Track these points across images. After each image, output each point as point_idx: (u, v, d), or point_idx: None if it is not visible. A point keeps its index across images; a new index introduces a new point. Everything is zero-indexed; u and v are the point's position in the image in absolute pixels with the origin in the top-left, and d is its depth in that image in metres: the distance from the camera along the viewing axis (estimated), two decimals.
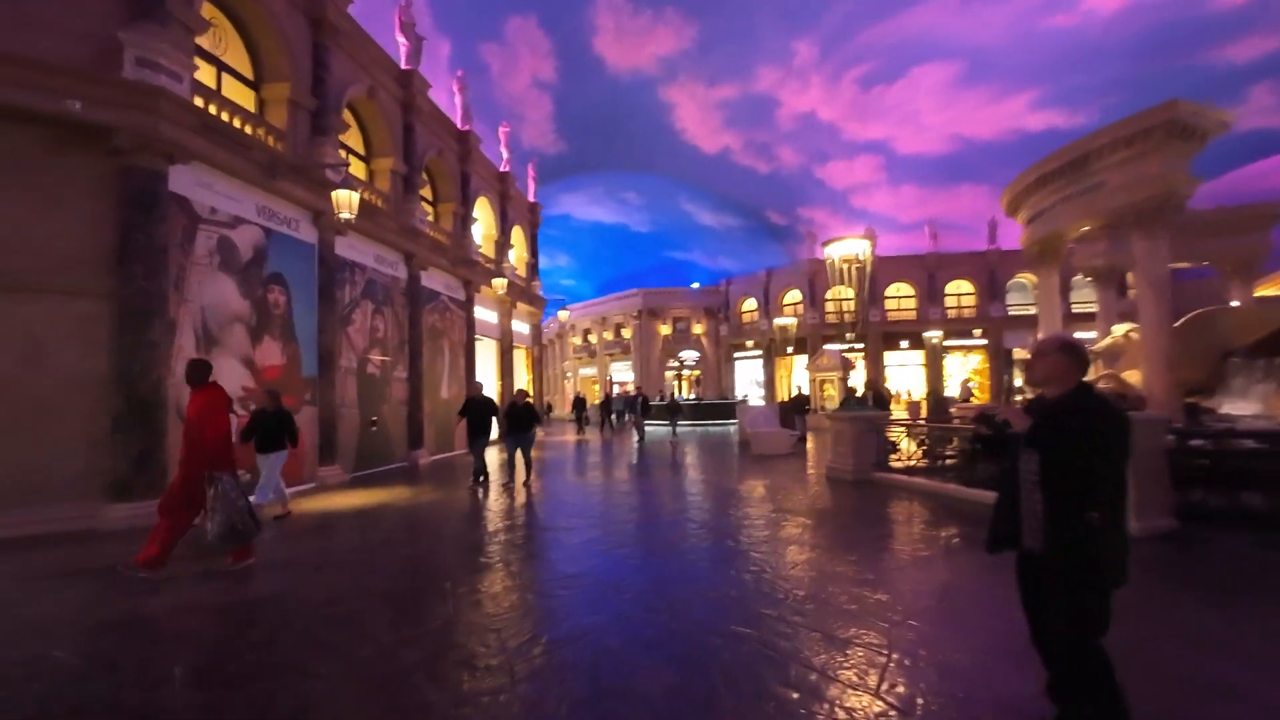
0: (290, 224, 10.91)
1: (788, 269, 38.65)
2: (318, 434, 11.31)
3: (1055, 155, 14.41)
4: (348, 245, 12.54)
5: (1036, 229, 16.22)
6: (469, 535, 7.14)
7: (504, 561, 5.86)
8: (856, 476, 10.08)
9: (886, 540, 6.37)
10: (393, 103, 14.68)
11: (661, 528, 7.18)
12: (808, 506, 8.29)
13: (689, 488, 10.25)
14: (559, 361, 51.27)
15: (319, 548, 6.77)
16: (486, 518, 8.10)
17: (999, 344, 34.94)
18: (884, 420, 10.80)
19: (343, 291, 12.36)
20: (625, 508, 8.62)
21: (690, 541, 6.48)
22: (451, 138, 17.85)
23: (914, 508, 7.97)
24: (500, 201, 21.54)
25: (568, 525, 7.41)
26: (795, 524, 7.22)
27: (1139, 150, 12.50)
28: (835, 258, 10.76)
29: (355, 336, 12.71)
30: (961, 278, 36.09)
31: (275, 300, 10.42)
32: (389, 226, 13.81)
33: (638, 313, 41.96)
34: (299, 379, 10.92)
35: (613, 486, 10.69)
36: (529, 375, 23.95)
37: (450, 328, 17.15)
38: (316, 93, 11.70)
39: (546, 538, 6.81)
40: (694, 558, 5.78)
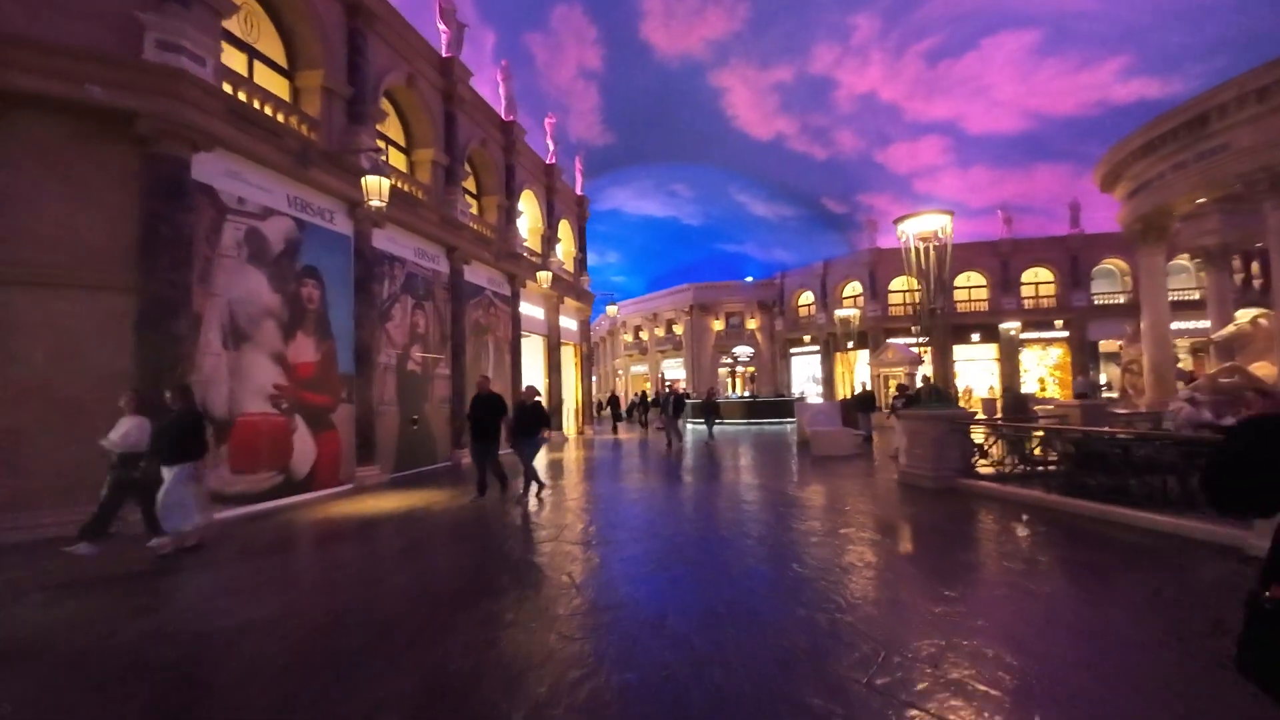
0: (324, 215, 10.51)
1: (847, 259, 36.79)
2: (354, 433, 10.88)
3: (1167, 116, 12.61)
4: (386, 238, 12.11)
5: (1140, 203, 14.35)
6: (495, 549, 6.40)
7: (526, 586, 5.06)
8: (938, 484, 8.84)
9: (993, 570, 5.23)
10: (433, 92, 14.23)
11: (713, 545, 6.24)
12: (884, 521, 7.18)
13: (744, 494, 9.25)
14: (610, 359, 50.78)
15: (328, 562, 6.18)
16: (514, 530, 7.36)
17: (1082, 336, 32.15)
18: (971, 420, 9.49)
19: (381, 286, 11.93)
20: (672, 519, 7.72)
21: (747, 563, 5.52)
22: (495, 128, 17.35)
23: (1015, 524, 6.74)
24: (546, 194, 20.98)
25: (605, 540, 6.57)
26: (872, 544, 6.16)
27: (1276, 103, 10.66)
28: (911, 235, 9.50)
29: (395, 332, 12.28)
30: (1039, 264, 33.45)
31: (309, 294, 10.02)
32: (429, 219, 13.35)
33: (689, 308, 40.93)
34: (335, 376, 10.52)
35: (655, 494, 9.81)
36: (577, 373, 23.34)
37: (495, 324, 16.66)
38: (352, 80, 11.29)
39: (578, 556, 5.99)
40: (751, 586, 4.84)
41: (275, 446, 9.20)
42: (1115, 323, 31.00)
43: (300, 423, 9.68)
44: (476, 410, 9.13)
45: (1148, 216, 14.35)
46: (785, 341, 39.45)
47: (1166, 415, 10.58)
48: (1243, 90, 11.03)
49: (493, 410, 9.04)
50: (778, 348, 39.88)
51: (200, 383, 8.04)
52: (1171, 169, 12.99)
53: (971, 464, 8.99)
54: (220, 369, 8.39)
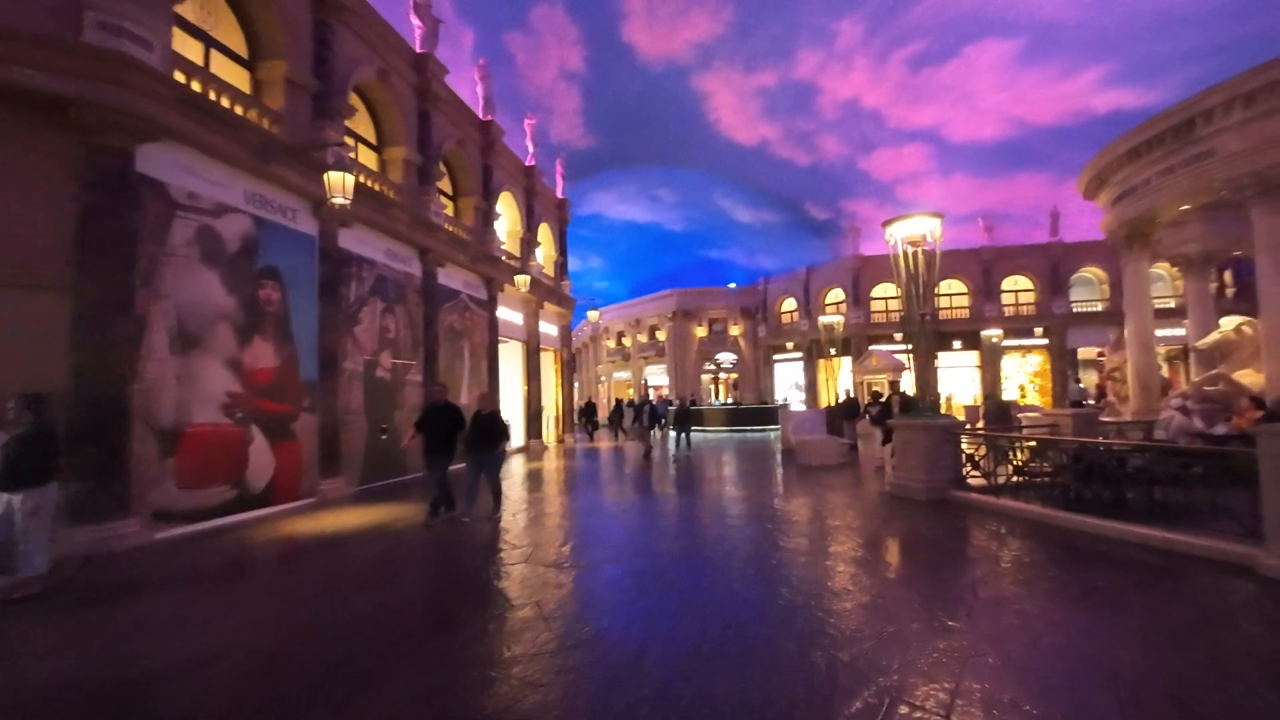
0: (287, 214, 9.94)
1: (830, 266, 36.73)
2: (318, 444, 10.28)
3: (1153, 121, 12.49)
4: (354, 239, 11.56)
5: (1124, 209, 14.25)
6: (460, 573, 5.90)
7: (489, 617, 4.58)
8: (930, 496, 8.49)
9: (997, 594, 4.85)
10: (406, 88, 13.71)
11: (696, 566, 5.80)
12: (876, 538, 6.79)
13: (729, 508, 8.82)
14: (593, 365, 50.25)
15: (276, 587, 5.64)
16: (482, 550, 6.85)
17: (1062, 344, 32.34)
18: (964, 429, 9.17)
19: (348, 288, 11.37)
20: (652, 536, 7.28)
21: (733, 588, 5.09)
22: (473, 128, 16.86)
23: (1014, 541, 6.39)
24: (526, 197, 20.49)
25: (579, 561, 6.10)
26: (864, 564, 5.77)
27: (1264, 108, 10.56)
28: (899, 239, 9.19)
29: (363, 337, 11.71)
30: (1020, 272, 33.63)
31: (268, 296, 9.44)
32: (401, 219, 12.81)
33: (672, 314, 40.60)
34: (296, 383, 9.93)
35: (636, 508, 9.36)
36: (557, 379, 22.82)
37: (471, 329, 16.11)
38: (319, 74, 10.76)
39: (549, 580, 5.51)
40: (738, 616, 4.40)
41: (228, 458, 8.60)
42: (1094, 330, 31.26)
43: (257, 433, 9.09)
44: (430, 422, 8.13)
45: (1132, 223, 14.25)
46: (768, 348, 39.26)
47: (1159, 424, 10.38)
48: (1230, 95, 10.93)
49: (448, 422, 8.12)
50: (761, 354, 39.68)
51: (144, 390, 7.46)
52: (1157, 175, 12.89)
53: (963, 475, 8.66)
54: (166, 375, 7.79)
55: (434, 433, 8.04)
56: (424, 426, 8.12)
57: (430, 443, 8.06)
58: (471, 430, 8.14)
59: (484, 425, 8.17)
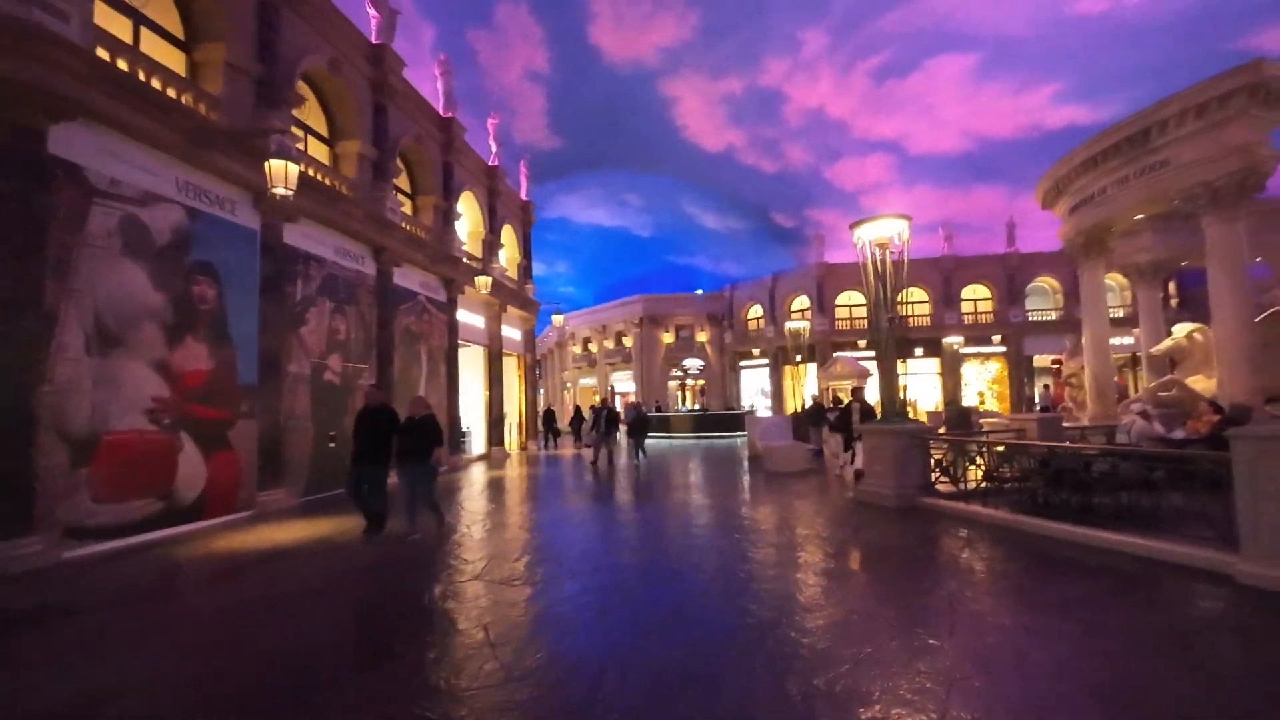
0: (224, 205, 9.28)
1: (795, 273, 37.01)
2: (257, 452, 9.59)
3: (1109, 131, 12.72)
4: (302, 234, 10.92)
5: (1081, 218, 14.51)
6: (402, 592, 5.41)
7: (429, 645, 4.13)
8: (899, 502, 8.31)
9: (976, 608, 4.61)
10: (361, 80, 13.12)
11: (661, 582, 5.44)
12: (847, 548, 6.54)
13: (695, 517, 8.49)
14: (558, 371, 49.59)
15: (194, 613, 5.06)
16: (429, 566, 6.37)
17: (1019, 351, 33.16)
18: (934, 435, 9.03)
19: (294, 286, 10.71)
20: (614, 549, 6.89)
21: (700, 605, 4.74)
22: (432, 124, 16.30)
23: (987, 549, 6.21)
24: (488, 197, 19.96)
25: (535, 577, 5.67)
26: (836, 576, 5.49)
27: (1215, 119, 10.80)
28: (867, 241, 9.04)
29: (309, 339, 11.05)
30: (979, 281, 34.42)
31: (201, 294, 8.76)
32: (354, 215, 12.19)
33: (639, 320, 40.33)
34: (233, 387, 9.24)
35: (598, 518, 8.97)
36: (520, 385, 22.24)
37: (429, 331, 15.48)
38: (263, 59, 10.15)
39: (501, 599, 5.07)
40: (706, 638, 4.04)
41: (153, 469, 7.89)
42: (1049, 338, 32.12)
43: (187, 441, 8.38)
44: (359, 427, 7.41)
45: (1089, 231, 14.52)
46: (735, 354, 39.29)
47: (1120, 429, 10.45)
48: (1183, 107, 11.16)
49: (382, 428, 7.39)
50: (727, 361, 39.68)
51: (55, 394, 6.75)
52: (1114, 184, 13.14)
53: (933, 481, 8.51)
54: (81, 378, 7.08)
55: (365, 440, 7.30)
56: (355, 433, 7.42)
57: (360, 451, 7.31)
58: (401, 438, 7.41)
59: (416, 433, 7.40)
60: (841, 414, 12.64)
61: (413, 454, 7.36)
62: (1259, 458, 4.66)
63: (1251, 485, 4.70)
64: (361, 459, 7.30)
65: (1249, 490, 4.73)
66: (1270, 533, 4.59)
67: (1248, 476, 4.73)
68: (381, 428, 7.38)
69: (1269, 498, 4.59)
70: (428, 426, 7.50)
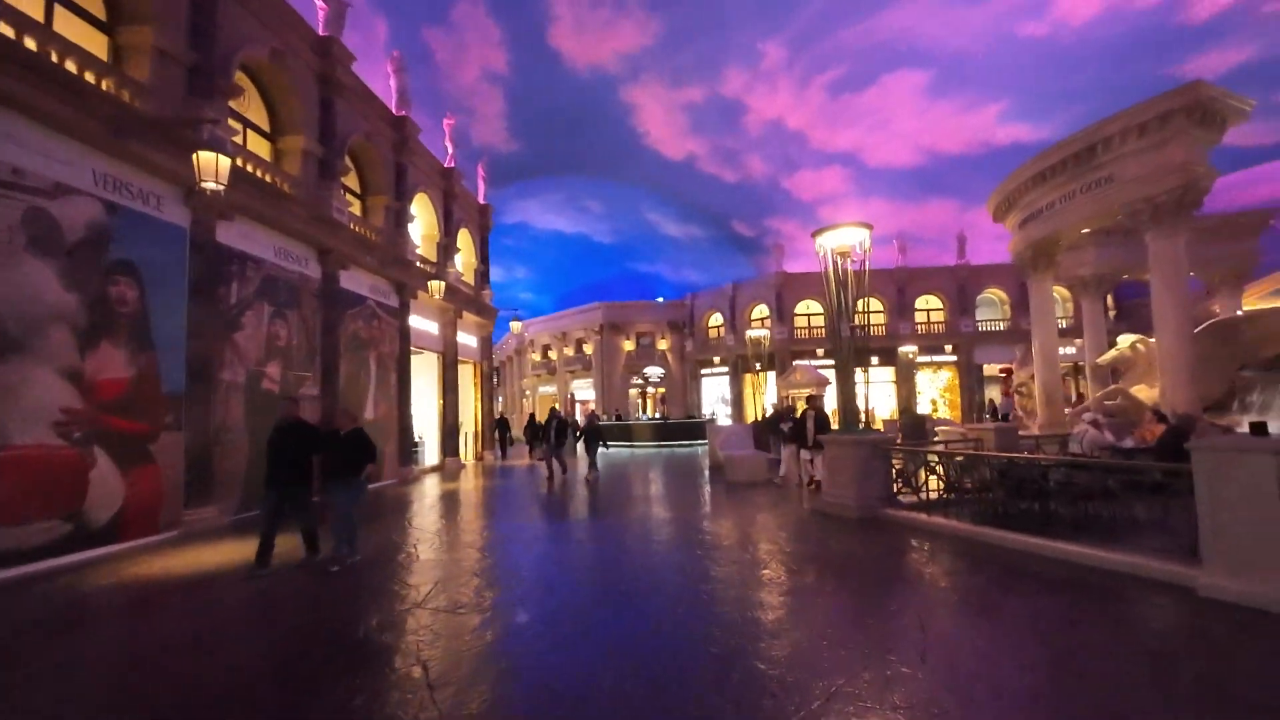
0: (149, 200, 8.58)
1: (755, 282, 37.31)
2: (184, 467, 8.86)
3: (1058, 147, 13.08)
4: (239, 233, 10.23)
5: (1031, 231, 14.90)
6: (335, 622, 4.93)
7: (359, 686, 3.70)
8: (861, 513, 8.21)
9: (948, 629, 4.44)
10: (306, 73, 12.48)
11: (619, 606, 5.12)
12: (812, 564, 6.34)
13: (655, 532, 8.19)
14: (518, 379, 48.75)
15: (91, 651, 4.47)
16: (367, 592, 5.90)
17: (970, 360, 34.12)
18: (896, 445, 8.97)
19: (228, 289, 10.01)
20: (570, 570, 6.54)
21: (661, 633, 4.44)
22: (384, 123, 15.69)
23: (952, 563, 6.10)
24: (444, 199, 19.36)
25: (483, 604, 5.28)
26: (803, 596, 5.27)
27: (1156, 138, 11.18)
28: (829, 249, 8.96)
29: (245, 344, 10.34)
30: (931, 292, 35.31)
31: (121, 295, 8.05)
32: (297, 214, 11.53)
33: (599, 327, 39.98)
34: (157, 396, 8.51)
35: (554, 535, 8.60)
36: (476, 394, 21.60)
37: (379, 338, 14.80)
38: (196, 45, 9.50)
39: (443, 630, 4.67)
40: (669, 671, 3.74)
41: (59, 487, 7.15)
42: (998, 348, 33.14)
43: (101, 455, 7.65)
44: (272, 444, 6.65)
45: (1038, 244, 14.90)
46: (696, 363, 39.32)
47: (1072, 437, 10.64)
48: (1126, 125, 11.54)
49: (300, 444, 6.69)
50: (688, 369, 39.66)
51: None
52: (1061, 199, 13.51)
53: (895, 491, 8.44)
54: None
55: (280, 461, 6.55)
56: (268, 453, 6.63)
57: (274, 473, 6.56)
58: (327, 454, 6.69)
59: (343, 449, 6.65)
60: (796, 423, 12.41)
61: (339, 473, 6.61)
62: (1219, 470, 4.65)
63: (1212, 497, 4.69)
64: (275, 482, 6.54)
65: (1209, 502, 4.72)
66: (1231, 545, 4.58)
67: (1208, 489, 4.72)
68: (299, 445, 6.65)
69: (1229, 510, 4.57)
70: (355, 442, 6.73)
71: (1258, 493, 4.41)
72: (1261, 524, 4.39)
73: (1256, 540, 4.42)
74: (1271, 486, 4.34)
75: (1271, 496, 4.34)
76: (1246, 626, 4.11)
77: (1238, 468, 4.53)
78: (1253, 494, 4.44)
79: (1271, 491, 4.34)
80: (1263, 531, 4.39)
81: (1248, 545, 4.48)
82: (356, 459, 6.65)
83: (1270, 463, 4.36)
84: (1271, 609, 4.28)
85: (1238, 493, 4.51)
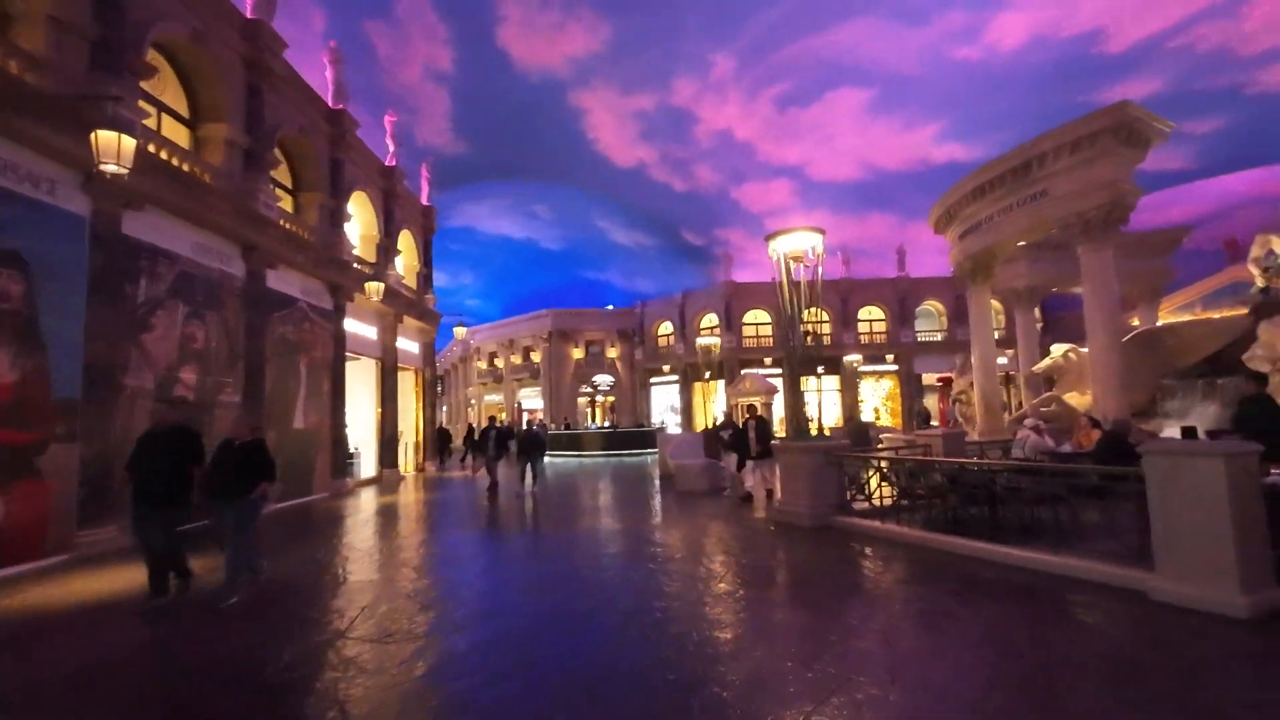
0: (40, 184, 7.68)
1: (704, 291, 37.55)
2: (78, 482, 7.93)
3: (996, 162, 13.52)
4: (150, 225, 9.34)
5: (970, 244, 15.36)
6: (238, 656, 4.35)
7: None
8: (815, 522, 8.08)
9: (912, 645, 4.26)
10: (232, 56, 11.63)
11: (567, 631, 4.73)
12: (768, 577, 6.13)
13: (604, 545, 7.82)
14: (463, 387, 47.41)
15: None
16: (282, 618, 5.31)
17: (910, 369, 35.23)
18: (850, 452, 8.89)
19: (136, 286, 9.10)
20: (514, 589, 6.11)
21: (613, 660, 4.08)
22: (320, 116, 14.85)
23: (908, 570, 6.00)
24: (384, 199, 18.51)
25: (413, 631, 4.78)
26: (765, 615, 5.03)
27: (1087, 155, 11.66)
28: (783, 255, 8.86)
29: (155, 347, 9.42)
30: (873, 303, 36.33)
31: (4, 289, 7.14)
32: (219, 208, 10.66)
33: (548, 335, 39.33)
34: (45, 403, 7.58)
35: (497, 551, 8.12)
36: (418, 402, 20.70)
37: (311, 342, 13.89)
38: (103, 18, 8.63)
39: (366, 664, 4.17)
40: (622, 709, 3.38)
41: None
42: (936, 358, 34.37)
43: None
44: (142, 455, 5.56)
45: (976, 257, 15.36)
46: (645, 371, 39.16)
47: (1015, 443, 10.88)
48: (1059, 142, 12.00)
49: (173, 454, 5.54)
50: (638, 377, 39.46)
51: None
52: (999, 212, 13.95)
53: (848, 499, 8.35)
54: None
55: (150, 472, 5.43)
56: (137, 463, 5.52)
57: (143, 487, 5.42)
58: (216, 468, 5.70)
59: (236, 461, 5.70)
60: (737, 433, 12.20)
61: (230, 491, 5.61)
62: (1171, 474, 4.66)
63: (1164, 502, 4.70)
64: (145, 498, 5.41)
65: (1161, 506, 4.72)
66: (1183, 549, 4.58)
67: (1160, 493, 4.73)
68: (172, 456, 5.53)
69: (1180, 514, 4.58)
70: (252, 455, 5.78)
71: (1207, 496, 4.42)
72: (1211, 527, 4.40)
73: (1207, 544, 4.43)
74: (1221, 490, 4.36)
75: (1221, 500, 4.35)
76: (1202, 632, 4.09)
77: (1188, 472, 4.54)
78: (1202, 497, 4.45)
79: (1221, 495, 4.36)
80: (1213, 535, 4.39)
81: (1199, 549, 4.48)
82: (249, 476, 5.67)
83: (1220, 466, 4.38)
84: (1223, 612, 4.27)
85: (1189, 497, 4.53)
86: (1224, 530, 4.34)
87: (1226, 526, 4.32)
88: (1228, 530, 4.32)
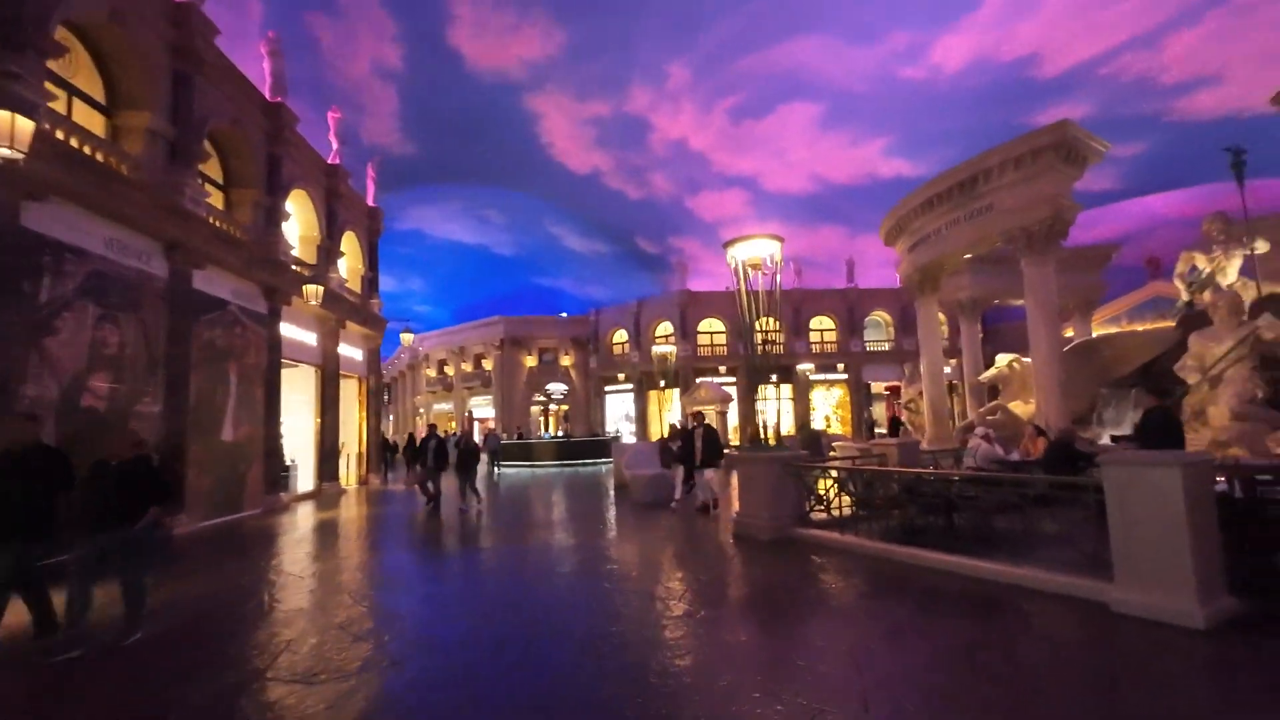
0: None
1: (659, 299, 37.51)
2: None
3: (944, 176, 13.87)
4: (55, 218, 8.47)
5: (919, 255, 15.72)
6: (124, 708, 3.82)
7: None
8: (773, 534, 7.91)
9: (885, 665, 4.09)
10: (156, 41, 10.79)
11: (514, 665, 4.36)
12: (728, 593, 5.91)
13: (557, 562, 7.45)
14: (410, 396, 45.91)
15: None
16: (205, 653, 4.76)
17: (859, 378, 36.00)
18: (809, 463, 8.78)
19: (36, 284, 8.22)
20: (461, 613, 5.68)
21: (568, 697, 3.74)
22: (255, 108, 14.00)
23: (870, 584, 5.87)
24: (326, 199, 17.66)
25: (344, 668, 4.32)
26: (728, 638, 4.78)
27: (1029, 171, 12.05)
28: (741, 262, 8.74)
29: (60, 352, 8.53)
30: (824, 313, 37.03)
31: None
32: (137, 201, 9.81)
33: (499, 342, 38.53)
34: None
35: (442, 570, 7.66)
36: (361, 411, 19.76)
37: (242, 348, 12.98)
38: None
39: (288, 709, 3.71)
40: None
41: None
42: (884, 367, 35.27)
43: None
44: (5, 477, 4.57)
45: (925, 268, 15.73)
46: (600, 379, 38.79)
47: (966, 451, 11.05)
48: (1004, 158, 12.38)
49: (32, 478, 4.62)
50: (592, 385, 39.04)
51: None
52: (947, 225, 14.31)
53: (807, 510, 8.23)
54: None
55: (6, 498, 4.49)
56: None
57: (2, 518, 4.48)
58: (89, 492, 4.87)
59: (116, 483, 4.87)
60: (684, 443, 11.98)
61: (110, 518, 4.81)
62: (1130, 484, 4.65)
63: (1123, 512, 4.68)
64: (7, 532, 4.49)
65: (1120, 516, 4.71)
66: (1142, 560, 4.57)
67: (1119, 503, 4.71)
68: (31, 480, 4.62)
69: (1139, 525, 4.57)
70: (139, 475, 5.00)
71: (1165, 506, 4.42)
72: (1169, 538, 4.39)
73: (1165, 554, 4.42)
74: (1178, 499, 4.36)
75: (1178, 510, 4.35)
76: (1164, 645, 4.05)
77: (1146, 481, 4.54)
78: (1161, 507, 4.45)
79: (1178, 504, 4.36)
80: (1171, 545, 4.39)
81: (1157, 559, 4.47)
82: (136, 500, 4.89)
83: (1177, 475, 4.38)
84: (1182, 623, 4.26)
85: (1147, 507, 4.52)
86: (1181, 540, 4.34)
87: (1184, 536, 4.32)
88: (1185, 540, 4.32)
